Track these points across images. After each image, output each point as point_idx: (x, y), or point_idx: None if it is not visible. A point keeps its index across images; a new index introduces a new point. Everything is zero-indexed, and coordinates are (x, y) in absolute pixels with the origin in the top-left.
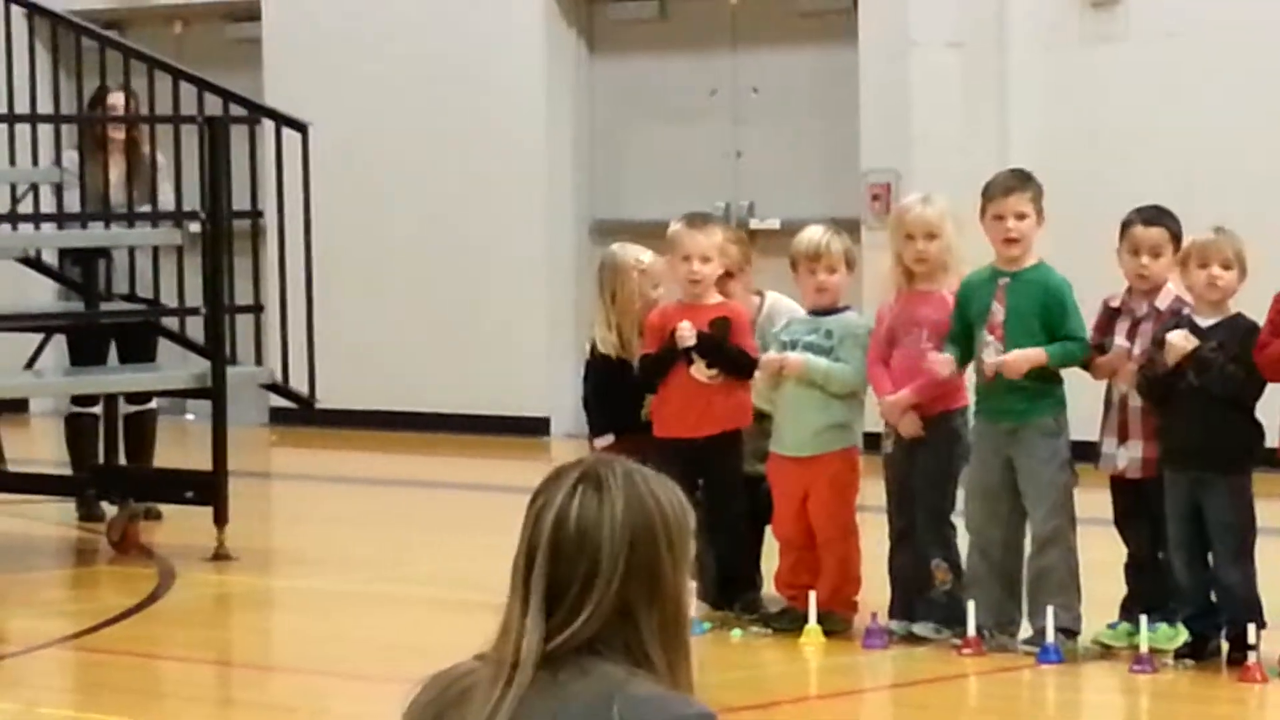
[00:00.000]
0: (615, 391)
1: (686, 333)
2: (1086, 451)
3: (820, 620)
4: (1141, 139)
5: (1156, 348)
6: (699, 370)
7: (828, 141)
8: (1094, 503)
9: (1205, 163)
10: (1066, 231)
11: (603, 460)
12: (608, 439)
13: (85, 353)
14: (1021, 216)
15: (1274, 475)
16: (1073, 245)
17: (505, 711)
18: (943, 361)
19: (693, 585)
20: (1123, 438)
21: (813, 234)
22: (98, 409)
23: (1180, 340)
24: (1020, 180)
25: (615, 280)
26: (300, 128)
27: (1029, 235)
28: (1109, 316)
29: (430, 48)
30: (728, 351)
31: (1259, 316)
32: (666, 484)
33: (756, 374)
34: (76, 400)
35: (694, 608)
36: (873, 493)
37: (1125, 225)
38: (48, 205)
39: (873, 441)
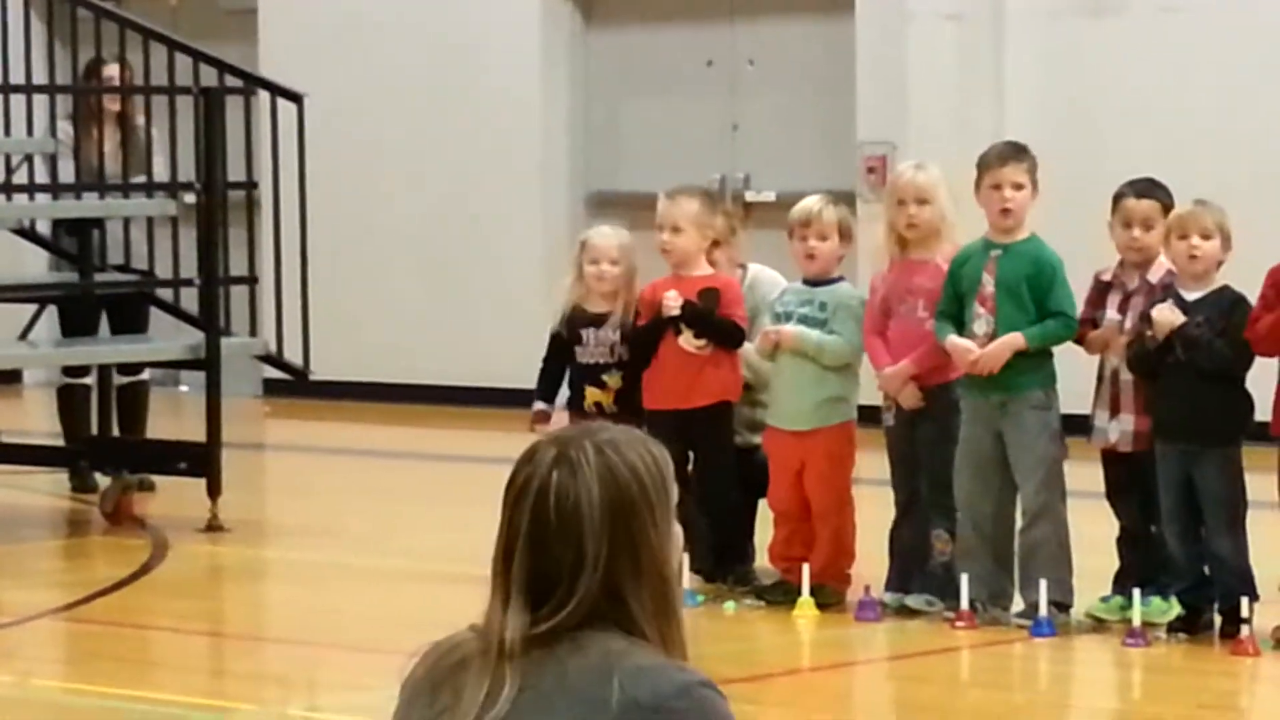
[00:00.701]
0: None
1: (672, 302)
2: (1078, 425)
3: (813, 593)
4: (1138, 112)
5: (1145, 323)
6: (687, 340)
7: (824, 113)
8: (1086, 476)
9: (1201, 137)
10: (1062, 204)
11: (576, 437)
12: (539, 405)
13: (77, 324)
14: (1018, 187)
15: (1263, 448)
16: (1068, 218)
17: (504, 697)
18: (964, 348)
19: (680, 535)
20: (1114, 411)
21: (807, 201)
22: (89, 379)
23: (1166, 315)
24: (1016, 151)
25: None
26: (295, 99)
27: (1024, 206)
28: (1101, 290)
29: (425, 19)
30: (714, 321)
31: (1253, 292)
32: (638, 445)
33: (746, 345)
34: (68, 371)
35: (686, 579)
36: (868, 466)
37: (1117, 198)
38: (43, 176)
39: (869, 414)
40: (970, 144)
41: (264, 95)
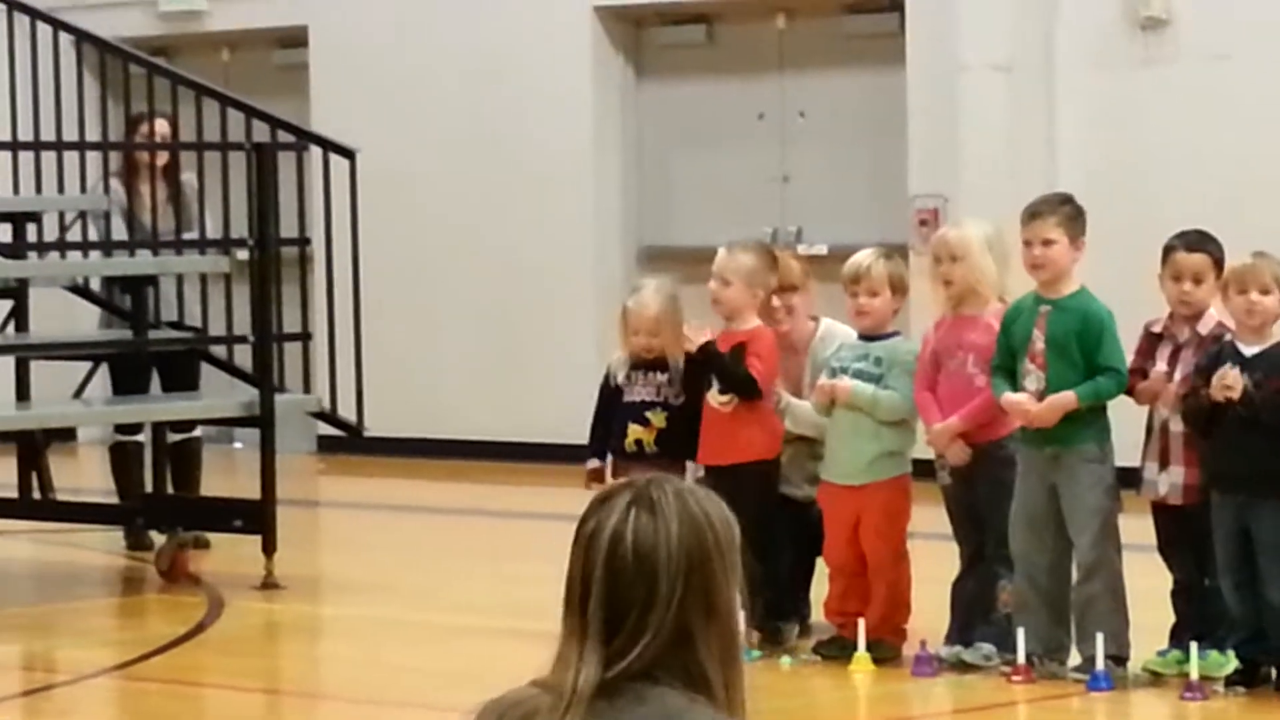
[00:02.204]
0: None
1: (696, 335)
2: (1128, 477)
3: (870, 648)
4: (1190, 162)
5: (1201, 378)
6: (713, 397)
7: (875, 166)
8: (1139, 529)
9: (1254, 187)
10: (1115, 255)
11: (654, 481)
12: (594, 463)
13: (128, 381)
14: (1048, 243)
15: None
16: (1121, 269)
17: None
18: (1019, 404)
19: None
20: (1164, 463)
21: (858, 256)
22: (141, 436)
23: (1231, 380)
24: (1050, 205)
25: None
26: (348, 154)
27: (1058, 261)
28: (1151, 341)
29: (477, 74)
30: (727, 368)
31: None
32: (714, 500)
33: (805, 403)
34: (120, 429)
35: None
36: (923, 520)
37: (1167, 250)
38: (95, 233)
39: (924, 468)
40: (1022, 196)
41: (316, 151)
